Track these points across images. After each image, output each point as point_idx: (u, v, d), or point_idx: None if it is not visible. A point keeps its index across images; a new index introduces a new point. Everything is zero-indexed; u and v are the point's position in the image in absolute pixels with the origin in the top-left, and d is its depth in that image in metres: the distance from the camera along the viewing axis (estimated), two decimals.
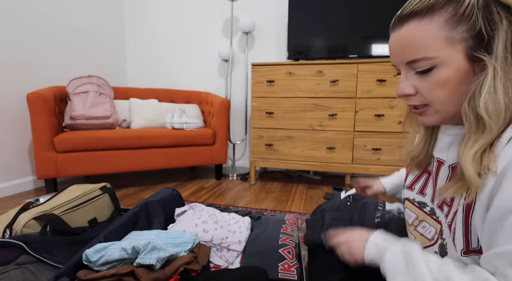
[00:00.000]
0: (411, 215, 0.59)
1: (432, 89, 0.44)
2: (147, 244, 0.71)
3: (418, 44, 0.43)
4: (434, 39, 0.41)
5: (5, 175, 1.72)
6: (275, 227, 0.97)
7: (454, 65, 0.42)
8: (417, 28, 0.43)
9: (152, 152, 1.87)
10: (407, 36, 0.44)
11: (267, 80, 1.95)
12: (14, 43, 1.74)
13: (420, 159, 0.58)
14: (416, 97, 0.47)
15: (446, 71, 0.42)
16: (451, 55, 0.41)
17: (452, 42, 0.41)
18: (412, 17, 0.43)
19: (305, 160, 1.94)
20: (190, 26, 2.57)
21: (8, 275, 0.73)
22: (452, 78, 0.42)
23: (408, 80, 0.47)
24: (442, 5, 0.41)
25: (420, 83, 0.45)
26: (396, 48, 0.46)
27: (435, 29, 0.41)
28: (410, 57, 0.44)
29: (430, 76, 0.43)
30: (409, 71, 0.46)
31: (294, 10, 2.08)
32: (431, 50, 0.42)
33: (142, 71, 2.74)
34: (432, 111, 0.46)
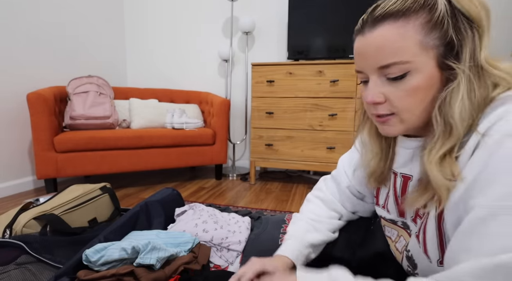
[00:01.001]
0: (393, 232, 0.59)
1: (403, 96, 0.43)
2: (147, 244, 0.71)
3: (393, 47, 0.41)
4: (409, 43, 0.40)
5: (5, 175, 1.72)
6: (275, 227, 0.97)
7: (426, 72, 0.41)
8: (392, 30, 0.41)
9: (152, 152, 1.87)
10: (381, 39, 0.42)
11: (267, 80, 1.95)
12: (14, 43, 1.74)
13: (380, 175, 0.57)
14: (384, 106, 0.45)
15: (418, 78, 0.41)
16: (424, 62, 0.41)
17: (426, 47, 0.40)
18: (386, 19, 0.41)
19: (305, 160, 1.94)
20: (190, 26, 2.57)
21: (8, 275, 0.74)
22: (424, 85, 0.42)
23: (378, 87, 0.44)
24: (417, 10, 0.40)
25: (390, 90, 0.43)
26: (368, 52, 0.44)
27: (411, 32, 0.40)
28: (384, 61, 0.42)
29: (402, 82, 0.42)
30: (379, 77, 0.44)
31: (294, 10, 2.08)
32: (406, 54, 0.41)
33: (142, 71, 2.74)
34: (397, 120, 0.45)
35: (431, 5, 0.40)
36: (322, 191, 0.73)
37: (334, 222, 0.69)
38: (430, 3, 0.40)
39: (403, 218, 0.54)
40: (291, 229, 0.68)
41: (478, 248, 0.34)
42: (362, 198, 0.68)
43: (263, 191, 1.89)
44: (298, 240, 0.64)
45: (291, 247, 0.62)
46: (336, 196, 0.70)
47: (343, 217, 0.71)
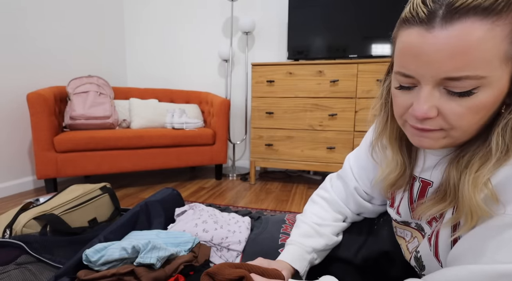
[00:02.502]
0: (406, 233, 0.58)
1: (463, 114, 0.35)
2: (147, 244, 0.71)
3: (475, 55, 0.31)
4: (492, 53, 0.31)
5: (5, 175, 1.72)
6: (275, 227, 0.97)
7: (497, 88, 0.33)
8: (478, 30, 0.31)
9: (152, 152, 1.87)
10: (459, 40, 0.31)
11: (267, 80, 1.95)
12: (14, 43, 1.74)
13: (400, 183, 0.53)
14: (434, 121, 0.37)
15: (487, 95, 0.33)
16: (499, 76, 0.33)
17: (507, 59, 0.32)
18: (471, 13, 0.31)
19: (305, 160, 1.94)
20: (190, 26, 2.57)
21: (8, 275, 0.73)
22: (491, 103, 0.34)
23: (433, 100, 0.36)
24: (511, 11, 0.31)
25: (449, 105, 0.35)
26: (436, 55, 0.33)
27: (498, 39, 0.31)
28: (455, 72, 0.32)
29: (466, 99, 0.34)
30: (436, 87, 0.36)
31: (294, 10, 2.08)
32: (485, 67, 0.32)
33: (142, 71, 2.74)
34: (442, 135, 0.38)
35: None
36: (328, 192, 0.71)
37: (339, 225, 0.68)
38: None
39: (418, 220, 0.53)
40: (294, 233, 0.67)
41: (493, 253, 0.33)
42: (370, 200, 0.66)
43: (263, 191, 1.89)
44: (300, 246, 0.62)
45: (293, 253, 0.61)
46: (342, 196, 0.68)
47: (347, 219, 0.70)
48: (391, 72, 0.46)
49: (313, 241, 0.63)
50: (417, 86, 0.38)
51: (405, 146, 0.51)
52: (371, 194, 0.65)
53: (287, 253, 0.62)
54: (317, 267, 0.66)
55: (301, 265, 0.60)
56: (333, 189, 0.70)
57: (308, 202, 0.74)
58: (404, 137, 0.50)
